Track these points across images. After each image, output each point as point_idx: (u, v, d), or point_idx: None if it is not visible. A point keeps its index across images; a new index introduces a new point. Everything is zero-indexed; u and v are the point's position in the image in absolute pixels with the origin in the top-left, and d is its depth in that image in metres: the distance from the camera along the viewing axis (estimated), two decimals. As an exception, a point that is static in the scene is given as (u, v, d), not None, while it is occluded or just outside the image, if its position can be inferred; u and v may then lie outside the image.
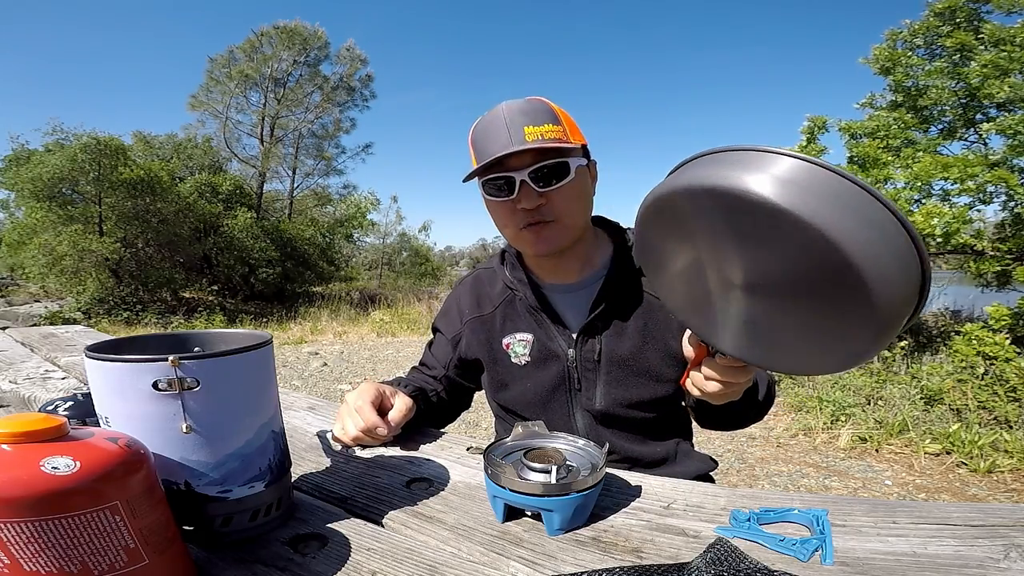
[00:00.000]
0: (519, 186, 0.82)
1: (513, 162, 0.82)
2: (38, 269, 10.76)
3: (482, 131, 0.85)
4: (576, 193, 0.87)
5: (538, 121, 0.81)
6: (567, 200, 0.85)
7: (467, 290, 1.05)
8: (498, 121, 0.82)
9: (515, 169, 0.81)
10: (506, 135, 0.80)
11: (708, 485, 0.68)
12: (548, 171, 0.82)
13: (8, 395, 1.12)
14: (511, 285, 0.99)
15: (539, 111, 0.82)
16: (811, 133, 6.25)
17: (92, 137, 10.75)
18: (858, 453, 3.53)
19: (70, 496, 0.37)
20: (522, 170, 0.81)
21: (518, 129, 0.80)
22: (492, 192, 0.86)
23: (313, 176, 18.02)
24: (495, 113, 0.84)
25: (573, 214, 0.87)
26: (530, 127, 0.80)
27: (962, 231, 4.91)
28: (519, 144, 0.79)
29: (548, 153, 0.82)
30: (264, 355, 0.56)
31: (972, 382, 4.01)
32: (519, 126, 0.80)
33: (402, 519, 0.61)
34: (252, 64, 15.96)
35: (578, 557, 0.53)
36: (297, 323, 10.57)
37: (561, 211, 0.85)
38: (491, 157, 0.80)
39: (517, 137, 0.79)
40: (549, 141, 0.80)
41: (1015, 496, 2.87)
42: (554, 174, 0.82)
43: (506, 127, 0.80)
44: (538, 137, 0.79)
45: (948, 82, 5.66)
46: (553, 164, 0.82)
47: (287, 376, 5.82)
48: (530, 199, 0.82)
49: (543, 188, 0.82)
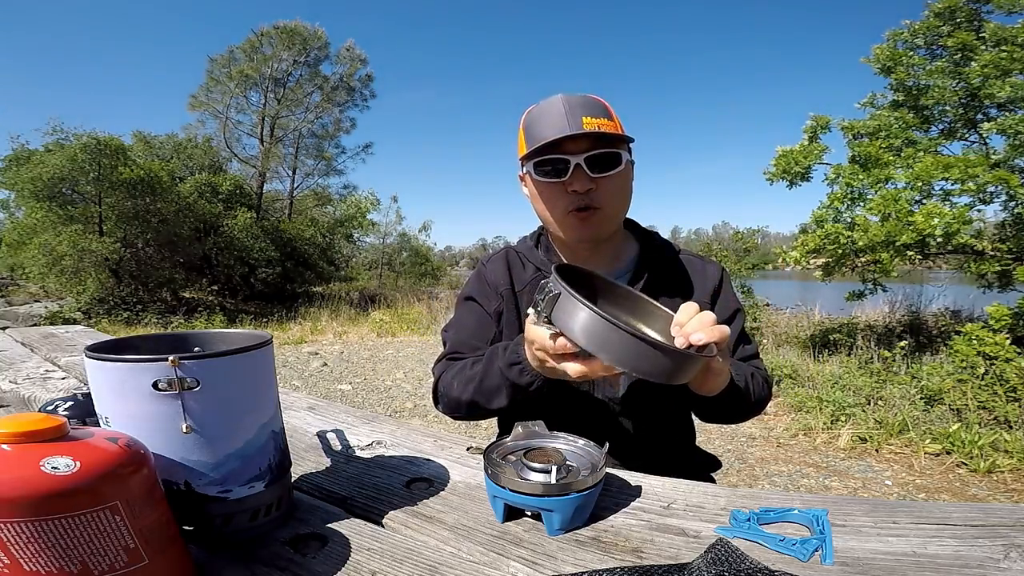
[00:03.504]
0: (572, 169, 0.85)
1: (569, 146, 0.86)
2: (38, 269, 10.76)
3: (538, 116, 0.89)
4: (623, 184, 0.92)
5: (595, 114, 0.86)
6: (614, 190, 0.90)
7: (500, 265, 1.04)
8: (556, 108, 0.86)
9: (571, 153, 0.85)
10: (564, 121, 0.84)
11: (708, 485, 0.68)
12: (602, 159, 0.86)
13: (8, 395, 1.12)
14: (543, 268, 1.00)
15: (597, 106, 0.88)
16: (813, 132, 6.25)
17: (92, 137, 10.75)
18: (858, 453, 3.53)
19: (70, 496, 0.37)
20: (578, 154, 0.85)
21: (577, 117, 0.84)
22: (543, 174, 0.89)
23: (313, 176, 18.03)
24: (553, 101, 0.88)
25: (617, 204, 0.92)
26: (588, 117, 0.85)
27: (963, 231, 4.92)
28: (577, 129, 0.83)
29: (604, 141, 0.86)
30: (264, 355, 0.56)
31: (972, 382, 4.01)
32: (578, 115, 0.84)
33: (402, 519, 0.61)
34: (252, 64, 15.96)
35: (578, 557, 0.53)
36: (297, 323, 10.57)
37: (608, 199, 0.89)
38: (548, 139, 0.84)
39: (576, 123, 0.84)
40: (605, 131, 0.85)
41: (1015, 496, 2.87)
42: (607, 162, 0.87)
43: (565, 114, 0.85)
44: (595, 127, 0.84)
45: (949, 82, 5.66)
46: (607, 153, 0.86)
47: (287, 376, 5.81)
48: (582, 182, 0.86)
49: (596, 174, 0.86)
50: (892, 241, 4.90)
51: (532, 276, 1.02)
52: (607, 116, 0.87)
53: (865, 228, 5.11)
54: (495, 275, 1.03)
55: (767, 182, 6.37)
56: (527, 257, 1.04)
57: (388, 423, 0.94)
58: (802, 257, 5.81)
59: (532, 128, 0.89)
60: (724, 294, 1.02)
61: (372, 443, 0.84)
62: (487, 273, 1.04)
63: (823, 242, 5.50)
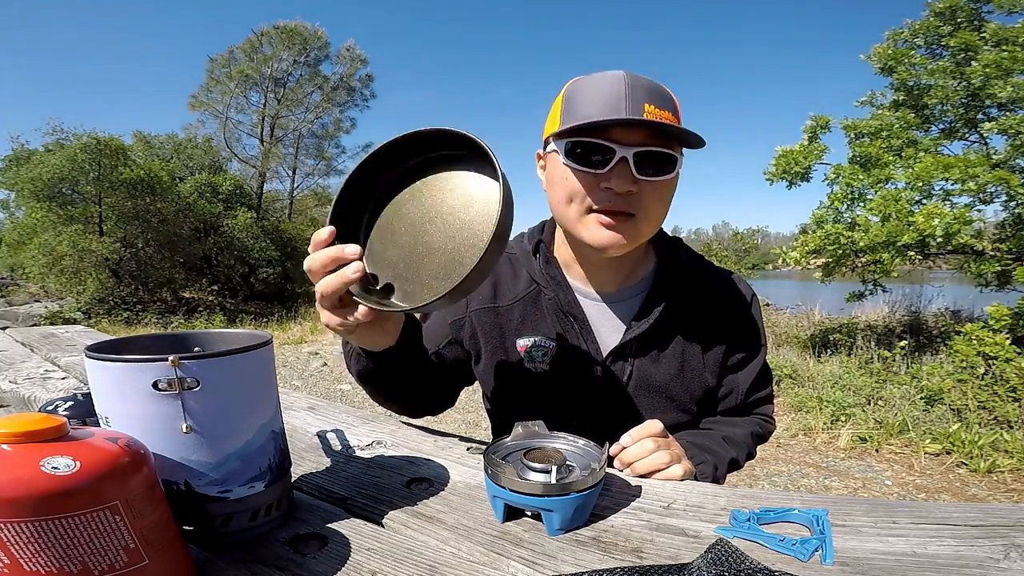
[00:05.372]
0: (616, 162, 0.71)
1: (620, 134, 0.72)
2: (38, 269, 10.77)
3: (588, 88, 0.73)
4: (667, 194, 0.78)
5: (663, 105, 0.71)
6: (657, 198, 0.76)
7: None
8: (615, 85, 0.71)
9: (620, 143, 0.71)
10: (622, 102, 0.69)
11: (708, 485, 0.68)
12: (654, 158, 0.72)
13: (8, 395, 1.12)
14: (540, 281, 0.88)
15: (665, 96, 0.73)
16: (813, 132, 6.26)
17: (92, 137, 10.77)
18: (858, 453, 3.53)
19: (70, 496, 0.37)
20: (628, 146, 0.71)
21: (639, 102, 0.69)
22: (578, 159, 0.74)
23: (313, 176, 18.06)
24: (612, 76, 0.72)
25: (655, 215, 0.78)
26: (651, 106, 0.70)
27: (963, 231, 4.92)
28: (635, 115, 0.69)
29: (662, 138, 0.72)
30: (264, 355, 0.56)
31: (972, 382, 4.01)
32: (640, 100, 0.70)
33: (402, 519, 0.61)
34: (252, 64, 15.98)
35: (578, 557, 0.53)
36: (297, 323, 10.58)
37: (646, 207, 0.75)
38: (596, 119, 0.70)
39: (635, 108, 0.69)
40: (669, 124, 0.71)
41: (1015, 496, 2.87)
42: (659, 163, 0.73)
43: (625, 94, 0.70)
44: (657, 118, 0.70)
45: (950, 82, 5.67)
46: (662, 153, 0.72)
47: (287, 376, 5.81)
48: (623, 181, 0.72)
49: (642, 175, 0.72)
50: (893, 241, 4.91)
51: (524, 290, 0.89)
52: (673, 110, 0.73)
53: (865, 228, 5.12)
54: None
55: (767, 182, 6.39)
56: (520, 265, 0.91)
57: (388, 423, 0.94)
58: (802, 257, 5.81)
59: (575, 100, 0.73)
60: (746, 328, 0.90)
61: (372, 443, 0.84)
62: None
63: (823, 242, 5.50)
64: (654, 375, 0.87)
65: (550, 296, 0.87)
